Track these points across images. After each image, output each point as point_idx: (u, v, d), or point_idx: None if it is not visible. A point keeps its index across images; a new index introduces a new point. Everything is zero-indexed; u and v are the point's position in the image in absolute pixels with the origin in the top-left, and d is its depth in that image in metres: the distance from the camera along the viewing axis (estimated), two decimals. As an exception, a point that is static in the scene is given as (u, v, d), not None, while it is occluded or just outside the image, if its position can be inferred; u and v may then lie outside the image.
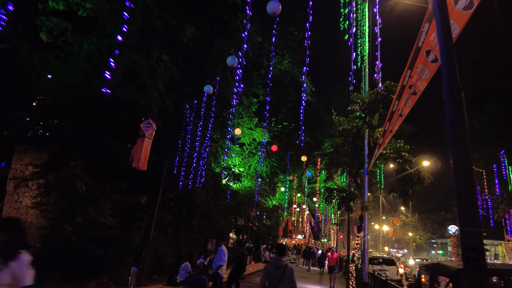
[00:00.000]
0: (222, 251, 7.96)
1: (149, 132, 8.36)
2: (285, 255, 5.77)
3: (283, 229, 30.56)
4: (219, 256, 7.98)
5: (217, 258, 7.98)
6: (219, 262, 7.93)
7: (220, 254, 7.96)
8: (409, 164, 11.62)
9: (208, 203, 14.82)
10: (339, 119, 12.97)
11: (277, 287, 4.89)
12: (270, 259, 5.59)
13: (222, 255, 7.92)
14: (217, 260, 7.98)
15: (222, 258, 7.91)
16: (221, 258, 7.92)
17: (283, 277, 4.94)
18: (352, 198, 11.59)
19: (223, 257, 7.90)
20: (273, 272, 4.99)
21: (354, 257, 12.61)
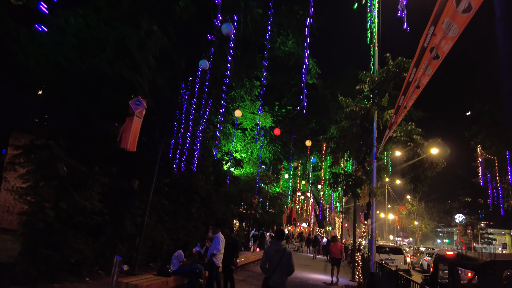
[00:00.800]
0: (218, 239, 7.37)
1: (138, 110, 7.69)
2: (284, 239, 6.20)
3: (287, 217, 30.07)
4: (214, 244, 7.38)
5: (212, 246, 7.38)
6: (213, 250, 7.34)
7: (216, 241, 7.37)
8: (421, 148, 10.85)
9: (208, 189, 14.23)
10: (346, 100, 12.18)
11: (276, 269, 5.23)
12: (270, 243, 5.86)
13: (217, 243, 7.33)
14: (212, 248, 7.39)
15: (216, 246, 7.32)
16: (215, 246, 7.33)
17: (281, 260, 5.25)
18: (360, 184, 10.88)
19: (218, 245, 7.30)
20: (272, 255, 5.33)
21: (361, 245, 11.98)
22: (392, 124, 7.71)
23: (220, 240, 7.36)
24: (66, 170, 6.42)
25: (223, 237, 7.55)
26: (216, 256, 7.35)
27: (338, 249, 12.70)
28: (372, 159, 11.29)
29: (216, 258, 7.37)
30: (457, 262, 4.79)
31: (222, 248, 7.47)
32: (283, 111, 18.39)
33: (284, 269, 5.30)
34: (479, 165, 26.99)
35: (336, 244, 12.96)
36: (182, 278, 7.44)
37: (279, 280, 5.26)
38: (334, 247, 12.77)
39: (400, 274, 7.10)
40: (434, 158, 10.51)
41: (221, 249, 7.39)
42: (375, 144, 11.35)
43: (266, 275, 5.35)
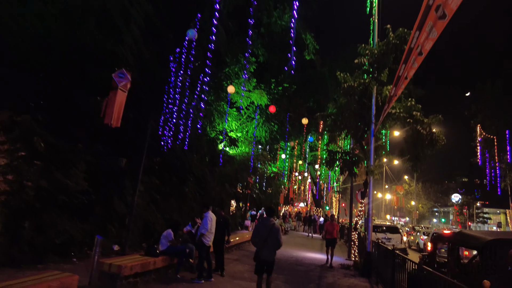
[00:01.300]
0: (206, 218, 7.07)
1: (122, 83, 7.21)
2: (274, 216, 6.38)
3: (284, 197, 30.01)
4: (202, 224, 7.10)
5: (201, 226, 7.10)
6: (201, 230, 7.07)
7: (204, 221, 7.08)
8: (420, 125, 10.46)
9: (202, 169, 13.93)
10: (344, 76, 11.67)
11: (265, 242, 5.74)
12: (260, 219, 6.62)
13: (205, 223, 7.04)
14: (200, 228, 7.12)
15: (204, 226, 7.03)
16: (203, 226, 7.04)
17: (270, 234, 5.74)
18: (357, 162, 10.56)
19: (206, 225, 7.02)
20: (262, 229, 5.86)
21: (357, 224, 11.80)
22: (392, 97, 7.29)
23: (208, 220, 7.07)
24: (45, 147, 6.02)
25: (212, 216, 7.26)
26: (205, 236, 7.08)
27: (334, 229, 11.71)
28: (370, 136, 10.93)
29: (205, 238, 7.10)
30: (457, 241, 4.50)
31: (211, 228, 7.20)
32: (279, 88, 17.82)
33: (272, 243, 5.78)
34: (478, 145, 26.74)
35: (332, 224, 11.95)
36: (172, 258, 7.20)
37: (268, 253, 5.81)
38: (330, 226, 11.78)
39: (396, 253, 6.87)
40: (435, 134, 10.13)
41: (209, 229, 7.11)
42: (373, 121, 10.97)
43: (257, 248, 5.86)
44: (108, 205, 9.20)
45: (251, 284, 7.39)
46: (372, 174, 10.39)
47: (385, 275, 8.39)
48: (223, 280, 7.47)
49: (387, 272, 8.15)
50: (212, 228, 7.24)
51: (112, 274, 5.52)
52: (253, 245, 6.05)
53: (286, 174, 26.21)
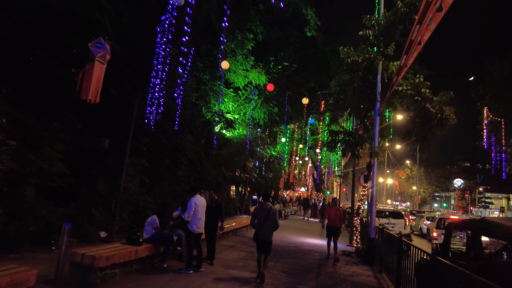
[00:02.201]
0: (190, 203, 6.41)
1: (100, 54, 6.44)
2: (270, 200, 6.92)
3: (284, 182, 29.47)
4: (186, 210, 6.45)
5: (187, 211, 6.45)
6: (185, 217, 6.42)
7: (188, 207, 6.42)
8: (429, 103, 9.68)
9: (197, 152, 13.24)
10: (348, 50, 10.82)
11: (263, 225, 6.39)
12: (258, 204, 7.02)
13: (188, 208, 6.38)
14: (187, 213, 6.46)
15: (187, 212, 6.38)
16: (187, 212, 6.39)
17: (268, 217, 6.39)
18: (360, 143, 9.84)
19: (189, 211, 6.36)
20: (260, 212, 6.49)
21: (360, 209, 11.20)
22: (402, 67, 6.50)
23: (192, 204, 6.40)
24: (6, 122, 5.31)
25: (199, 201, 6.58)
26: (190, 222, 6.44)
27: (337, 215, 9.36)
28: (375, 115, 10.18)
29: (191, 225, 6.47)
30: (479, 229, 3.85)
31: (198, 213, 6.53)
32: (279, 68, 16.93)
33: (270, 224, 6.45)
34: (484, 128, 25.86)
35: (333, 208, 9.58)
36: (158, 246, 6.60)
37: (266, 233, 6.43)
38: (332, 211, 9.42)
39: (404, 241, 6.25)
40: (446, 112, 9.37)
41: (195, 214, 6.46)
42: (378, 99, 10.20)
43: (256, 229, 6.53)
44: (93, 188, 8.57)
45: (244, 274, 6.82)
46: (377, 156, 9.70)
47: (389, 263, 7.82)
48: (214, 270, 6.88)
49: (391, 259, 7.58)
50: (199, 214, 6.58)
51: (85, 265, 4.91)
52: (252, 227, 6.73)
53: (287, 158, 25.56)
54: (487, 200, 54.15)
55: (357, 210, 11.23)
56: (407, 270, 6.36)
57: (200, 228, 6.64)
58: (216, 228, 7.39)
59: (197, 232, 6.56)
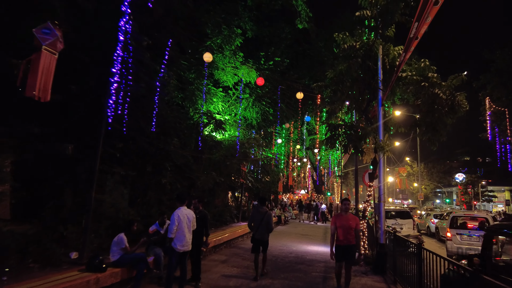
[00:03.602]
0: (173, 217, 5.31)
1: (48, 41, 5.36)
2: (265, 205, 7.53)
3: (283, 185, 28.32)
4: (170, 225, 5.34)
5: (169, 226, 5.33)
6: (168, 234, 5.30)
7: (171, 220, 5.32)
8: (438, 88, 8.64)
9: (185, 156, 12.12)
10: (343, 36, 9.79)
11: (259, 227, 7.06)
12: (255, 207, 7.71)
13: (171, 223, 5.28)
14: (169, 229, 5.34)
15: (170, 229, 5.27)
16: (169, 228, 5.28)
17: (263, 219, 7.07)
18: (363, 137, 8.77)
19: (172, 227, 5.25)
20: (257, 215, 7.17)
21: (366, 211, 10.10)
22: (412, 39, 5.42)
23: (175, 218, 5.30)
24: None
25: (184, 214, 5.49)
26: (173, 239, 5.32)
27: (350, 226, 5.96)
28: (378, 106, 9.13)
29: (175, 242, 5.35)
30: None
31: (183, 228, 5.43)
32: (270, 63, 15.91)
33: (265, 227, 7.08)
34: (487, 119, 24.87)
35: (344, 217, 6.09)
36: (130, 270, 5.47)
37: (261, 235, 7.08)
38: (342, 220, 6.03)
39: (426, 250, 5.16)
40: (458, 97, 8.34)
41: (179, 229, 5.35)
42: (380, 87, 9.16)
43: (253, 231, 7.17)
44: (59, 203, 7.43)
45: (235, 298, 5.70)
46: (382, 151, 8.62)
47: (404, 271, 6.75)
48: (199, 294, 5.75)
49: (406, 266, 6.52)
50: (184, 228, 5.47)
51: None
52: (249, 229, 7.38)
53: (284, 160, 24.46)
54: (490, 194, 53.25)
55: (362, 212, 10.12)
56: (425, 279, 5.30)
57: (186, 246, 5.50)
58: (201, 244, 6.27)
59: (182, 251, 5.43)
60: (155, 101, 8.28)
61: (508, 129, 23.57)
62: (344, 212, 6.22)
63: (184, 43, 12.59)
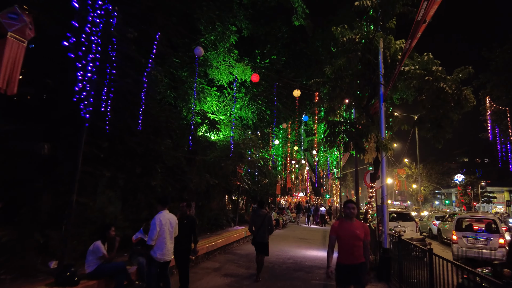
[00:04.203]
0: (153, 222, 4.76)
1: (15, 27, 4.82)
2: (264, 208, 7.96)
3: (281, 188, 27.77)
4: (150, 231, 4.78)
5: (150, 232, 4.77)
6: (148, 241, 4.74)
7: (152, 225, 4.76)
8: (444, 82, 8.16)
9: (177, 158, 11.57)
10: (341, 29, 9.31)
11: (259, 230, 7.39)
12: (254, 211, 7.97)
13: (152, 229, 4.72)
14: (149, 235, 4.79)
15: (150, 235, 4.71)
16: (149, 234, 4.72)
17: (263, 223, 7.43)
18: (365, 134, 8.25)
19: (152, 233, 4.70)
20: (256, 219, 7.51)
21: (367, 214, 9.56)
22: (419, 23, 4.91)
23: (157, 223, 4.75)
24: None
25: (166, 219, 4.94)
26: (153, 247, 4.76)
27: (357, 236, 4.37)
28: (380, 102, 8.62)
29: (155, 250, 4.79)
30: None
31: (165, 235, 4.88)
32: (266, 61, 15.42)
33: (266, 228, 7.37)
34: (487, 118, 24.46)
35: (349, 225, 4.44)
36: (108, 281, 4.90)
37: (262, 237, 7.31)
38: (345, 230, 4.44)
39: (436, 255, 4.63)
40: (466, 91, 7.86)
41: (160, 236, 4.80)
42: (382, 82, 8.66)
43: (253, 234, 7.39)
44: (36, 206, 6.86)
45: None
46: (386, 149, 8.10)
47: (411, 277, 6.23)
48: (186, 308, 5.19)
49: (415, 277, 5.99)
50: (166, 235, 4.91)
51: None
52: (250, 232, 7.61)
53: (281, 162, 23.93)
54: (490, 195, 52.94)
55: (364, 215, 9.59)
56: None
57: (167, 255, 4.95)
58: (189, 251, 5.70)
59: (163, 261, 4.86)
60: (142, 97, 7.72)
61: (509, 129, 23.17)
62: (349, 219, 4.45)
63: (175, 39, 12.09)
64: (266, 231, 7.34)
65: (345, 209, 4.57)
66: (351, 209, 4.47)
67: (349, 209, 4.48)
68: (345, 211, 4.57)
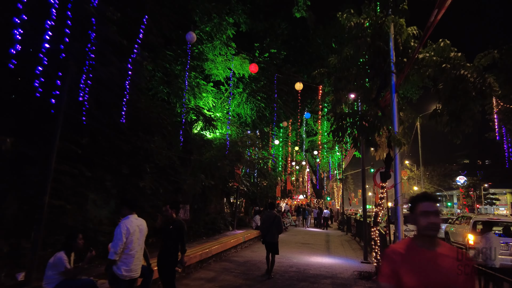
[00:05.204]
0: (119, 230, 3.87)
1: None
2: (275, 209, 8.45)
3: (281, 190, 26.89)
4: (113, 241, 3.88)
5: (113, 243, 3.87)
6: (111, 255, 3.82)
7: (116, 235, 3.88)
8: (465, 69, 7.32)
9: (169, 157, 10.71)
10: (348, 15, 8.49)
11: (269, 229, 7.92)
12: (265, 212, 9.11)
13: (116, 239, 3.83)
14: (112, 247, 3.87)
15: (116, 246, 3.82)
16: (113, 245, 3.82)
17: (273, 222, 7.95)
18: (377, 128, 7.40)
19: (117, 243, 3.81)
20: (267, 220, 8.09)
21: (378, 217, 8.69)
22: None
23: (122, 232, 3.85)
24: None
25: (134, 225, 4.02)
26: (118, 261, 3.87)
27: None
28: (392, 92, 7.76)
29: (120, 266, 3.89)
30: None
31: (133, 246, 3.96)
32: (265, 55, 14.61)
33: (275, 229, 7.96)
34: (494, 117, 23.63)
35: (432, 260, 1.78)
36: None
37: (272, 237, 7.91)
38: (425, 274, 1.76)
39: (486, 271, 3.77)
40: (490, 79, 7.02)
41: (126, 248, 3.90)
42: (394, 71, 7.81)
43: (263, 233, 8.14)
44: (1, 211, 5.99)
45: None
46: (399, 145, 7.23)
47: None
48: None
49: None
50: (135, 247, 4.00)
51: None
52: (260, 231, 8.60)
53: (282, 163, 23.06)
54: (492, 197, 52.18)
55: (374, 218, 8.71)
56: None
57: (135, 270, 4.01)
58: (175, 263, 4.81)
59: (130, 278, 3.96)
60: (126, 86, 6.86)
61: (517, 128, 22.35)
62: (429, 243, 1.87)
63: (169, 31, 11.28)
64: (275, 231, 7.89)
65: (419, 218, 1.90)
66: (433, 216, 1.88)
67: (429, 220, 1.86)
68: (421, 224, 1.90)
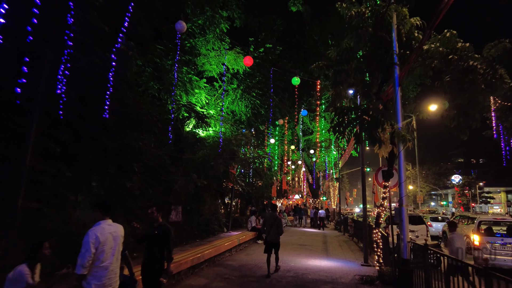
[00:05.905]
0: (87, 239, 3.29)
1: None
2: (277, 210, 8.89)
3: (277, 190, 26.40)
4: (80, 253, 3.29)
5: (80, 255, 3.29)
6: (78, 269, 3.25)
7: (84, 244, 3.31)
8: (473, 60, 6.90)
9: (160, 156, 10.15)
10: (348, 5, 8.02)
11: (271, 229, 8.27)
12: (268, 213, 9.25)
13: (85, 249, 3.27)
14: (80, 258, 3.29)
15: (83, 258, 3.25)
16: (80, 257, 3.27)
17: (274, 223, 8.31)
18: (380, 123, 6.94)
19: (86, 254, 3.26)
20: (270, 220, 8.42)
21: (380, 218, 8.23)
22: None
23: (91, 241, 3.28)
24: None
25: (106, 232, 3.41)
26: (87, 276, 3.32)
27: None
28: (395, 85, 7.31)
29: (90, 281, 3.34)
30: None
31: (104, 257, 3.38)
32: (261, 50, 14.11)
33: (276, 230, 8.30)
34: (492, 115, 23.38)
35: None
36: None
37: (273, 237, 8.30)
38: None
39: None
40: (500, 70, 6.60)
41: (97, 260, 3.33)
42: (397, 63, 7.37)
43: (266, 234, 8.50)
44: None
45: None
46: (404, 141, 6.78)
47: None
48: None
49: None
50: (107, 257, 3.42)
51: None
52: (263, 231, 9.38)
53: (277, 162, 22.58)
54: (487, 195, 52.27)
55: (376, 219, 8.24)
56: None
57: (109, 285, 3.42)
58: (161, 271, 4.27)
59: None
60: (109, 78, 6.31)
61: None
62: None
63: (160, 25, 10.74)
64: (276, 232, 8.27)
65: None
66: None
67: None
68: None
